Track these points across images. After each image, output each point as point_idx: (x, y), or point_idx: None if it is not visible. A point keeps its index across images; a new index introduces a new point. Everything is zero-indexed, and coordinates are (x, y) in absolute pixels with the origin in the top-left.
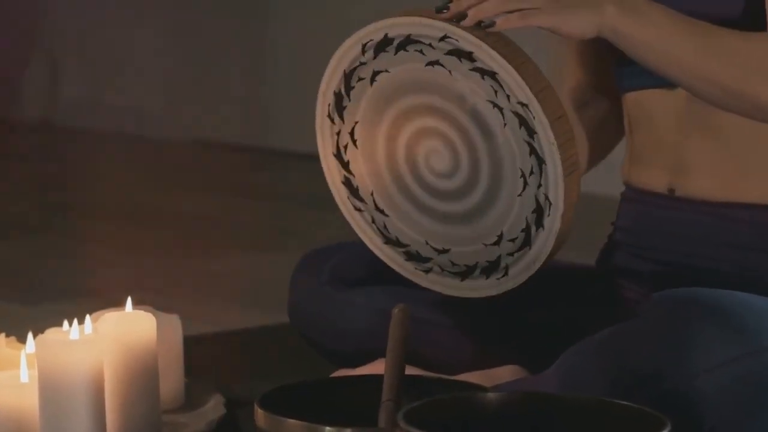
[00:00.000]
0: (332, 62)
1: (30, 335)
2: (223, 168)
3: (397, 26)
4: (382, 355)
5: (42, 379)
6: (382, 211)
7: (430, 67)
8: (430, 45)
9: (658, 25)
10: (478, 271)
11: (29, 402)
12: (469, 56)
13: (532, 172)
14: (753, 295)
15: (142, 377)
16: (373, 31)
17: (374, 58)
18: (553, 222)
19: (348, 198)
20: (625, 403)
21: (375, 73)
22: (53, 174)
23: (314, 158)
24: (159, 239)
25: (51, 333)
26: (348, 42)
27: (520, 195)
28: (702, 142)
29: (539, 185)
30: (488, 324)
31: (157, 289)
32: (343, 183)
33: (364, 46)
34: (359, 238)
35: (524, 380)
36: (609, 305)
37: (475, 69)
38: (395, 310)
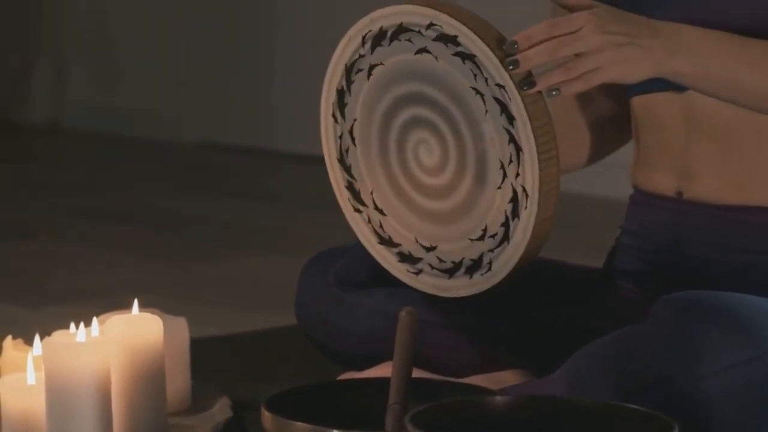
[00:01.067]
0: (334, 58)
1: (37, 338)
2: (229, 170)
3: (390, 16)
4: (389, 357)
5: (49, 381)
6: (380, 211)
7: (419, 55)
8: (419, 32)
9: (710, 56)
10: (463, 269)
11: (36, 404)
12: (453, 40)
13: (510, 161)
14: (761, 298)
15: (149, 380)
16: (369, 23)
17: (372, 52)
18: (530, 214)
19: (349, 200)
20: (632, 406)
21: (372, 67)
22: (60, 176)
23: (321, 161)
24: (166, 242)
25: (58, 335)
26: (349, 34)
27: (499, 187)
28: (709, 146)
29: (517, 174)
30: (495, 327)
31: (164, 292)
32: (347, 187)
33: (363, 37)
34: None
35: (531, 383)
36: (616, 308)
37: (457, 54)
38: (402, 313)
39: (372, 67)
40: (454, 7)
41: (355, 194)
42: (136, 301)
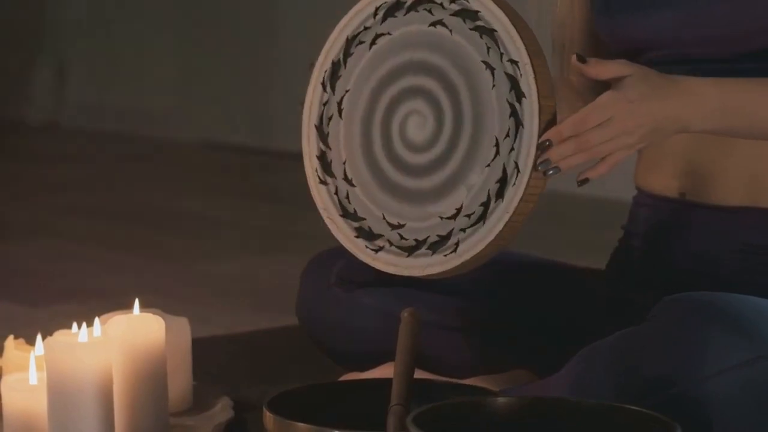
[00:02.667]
0: (338, 28)
1: (39, 337)
2: (231, 170)
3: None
4: (390, 357)
5: (51, 381)
6: (350, 181)
7: (432, 27)
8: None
9: (725, 110)
10: (425, 247)
11: (38, 404)
12: (474, 15)
13: (507, 136)
14: (763, 299)
15: (151, 380)
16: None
17: (382, 22)
18: (515, 192)
19: (316, 170)
20: (634, 407)
21: (376, 36)
22: (61, 175)
23: None
24: (167, 241)
25: (60, 335)
26: (359, 5)
27: (488, 165)
28: (713, 148)
29: (511, 149)
30: (497, 328)
31: (166, 292)
32: (318, 157)
33: (377, 8)
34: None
35: (533, 384)
36: (619, 309)
37: (476, 28)
38: (404, 314)
39: (376, 37)
40: None
41: (326, 165)
42: (137, 301)
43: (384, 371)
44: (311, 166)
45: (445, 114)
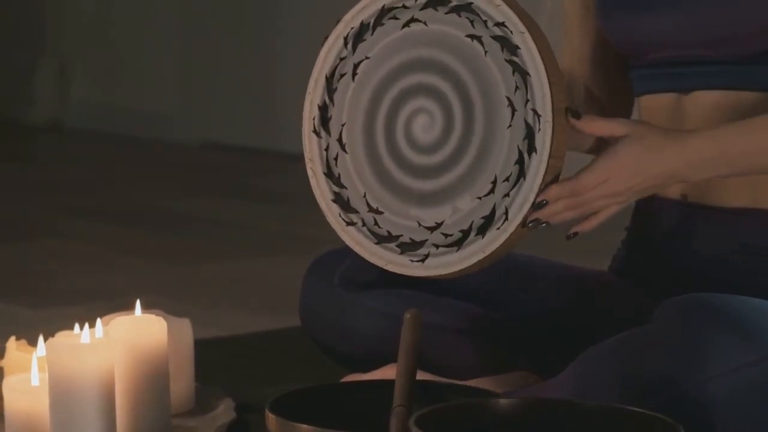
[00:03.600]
0: (315, 71)
1: (41, 339)
2: (233, 171)
3: (371, 4)
4: (393, 358)
5: (53, 382)
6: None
7: (406, 28)
8: (403, 6)
9: (723, 159)
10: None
11: (40, 405)
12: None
13: (517, 88)
14: (765, 301)
15: (153, 381)
16: (350, 21)
17: (353, 52)
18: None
19: (339, 215)
20: (637, 409)
21: (356, 66)
22: (63, 176)
23: None
24: (169, 242)
25: (62, 336)
26: (329, 41)
27: (509, 126)
28: None
29: (526, 101)
30: (500, 329)
31: (168, 293)
32: (334, 201)
33: (345, 38)
34: None
35: (536, 386)
36: (621, 310)
37: (451, 9)
38: (407, 315)
39: (356, 66)
40: None
41: (344, 204)
42: (139, 302)
43: (386, 372)
44: (332, 213)
45: (454, 125)
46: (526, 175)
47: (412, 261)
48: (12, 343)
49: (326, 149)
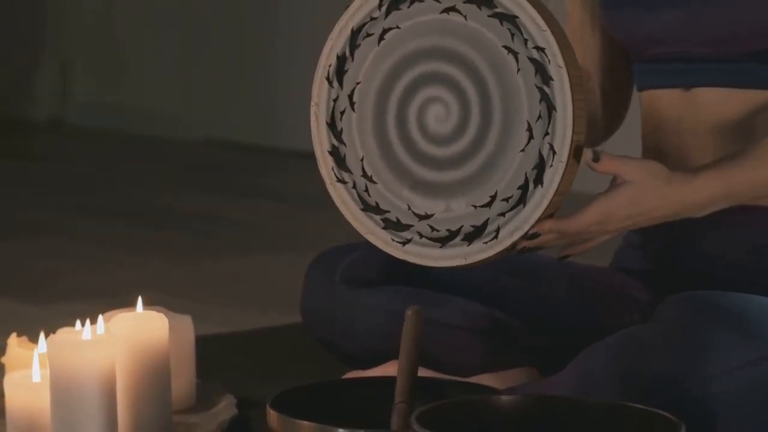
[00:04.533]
0: (341, 20)
1: (42, 335)
2: (234, 169)
3: None
4: (394, 355)
5: (54, 379)
6: (369, 178)
7: (444, 14)
8: None
9: (728, 197)
10: (460, 237)
11: (41, 402)
12: (489, 3)
13: (539, 118)
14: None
15: (154, 377)
16: None
17: (386, 16)
18: (554, 175)
19: (332, 168)
20: (639, 406)
21: (384, 31)
22: (64, 173)
23: None
24: (171, 239)
25: (63, 333)
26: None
27: (523, 150)
28: (714, 144)
29: (545, 133)
30: (501, 326)
31: (169, 290)
32: (330, 152)
33: (381, 0)
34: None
35: (538, 382)
36: (623, 307)
37: (495, 15)
38: (408, 312)
39: (385, 31)
40: None
41: (340, 161)
42: (140, 299)
43: (388, 369)
44: (326, 164)
45: (468, 128)
46: (527, 203)
47: (393, 240)
48: (13, 340)
49: (335, 100)
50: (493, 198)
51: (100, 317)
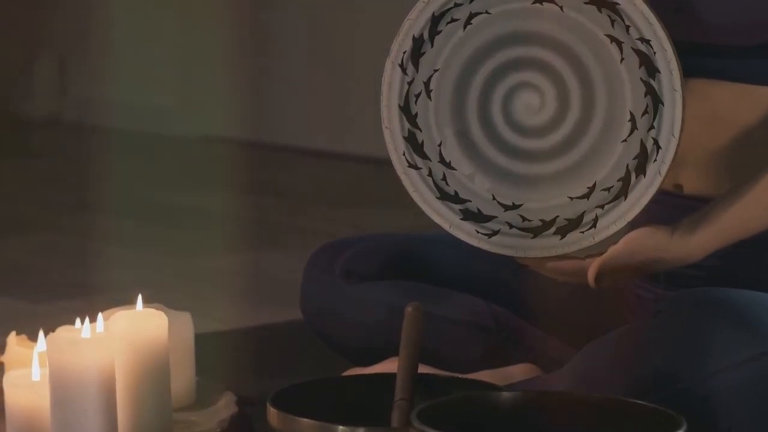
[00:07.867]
0: (420, 3)
1: (41, 333)
2: (232, 165)
3: None
4: (394, 350)
5: (53, 377)
6: (448, 164)
7: (537, 5)
8: None
9: (711, 240)
10: (554, 228)
11: (41, 400)
12: None
13: (645, 113)
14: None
15: (154, 375)
16: None
17: (471, 1)
18: (659, 167)
19: (404, 154)
20: (640, 402)
21: (471, 15)
22: (62, 171)
23: (325, 155)
24: (169, 236)
25: (62, 331)
26: None
27: (625, 140)
28: (708, 139)
29: (650, 127)
30: (502, 321)
31: (168, 287)
32: (405, 138)
33: None
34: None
35: (539, 379)
36: (623, 304)
37: (592, 2)
38: (408, 308)
39: (472, 16)
40: None
41: (416, 146)
42: (140, 297)
43: (388, 366)
44: (397, 151)
45: (566, 118)
46: (627, 195)
47: (478, 232)
48: (12, 338)
49: (409, 83)
50: (592, 189)
51: (100, 315)
